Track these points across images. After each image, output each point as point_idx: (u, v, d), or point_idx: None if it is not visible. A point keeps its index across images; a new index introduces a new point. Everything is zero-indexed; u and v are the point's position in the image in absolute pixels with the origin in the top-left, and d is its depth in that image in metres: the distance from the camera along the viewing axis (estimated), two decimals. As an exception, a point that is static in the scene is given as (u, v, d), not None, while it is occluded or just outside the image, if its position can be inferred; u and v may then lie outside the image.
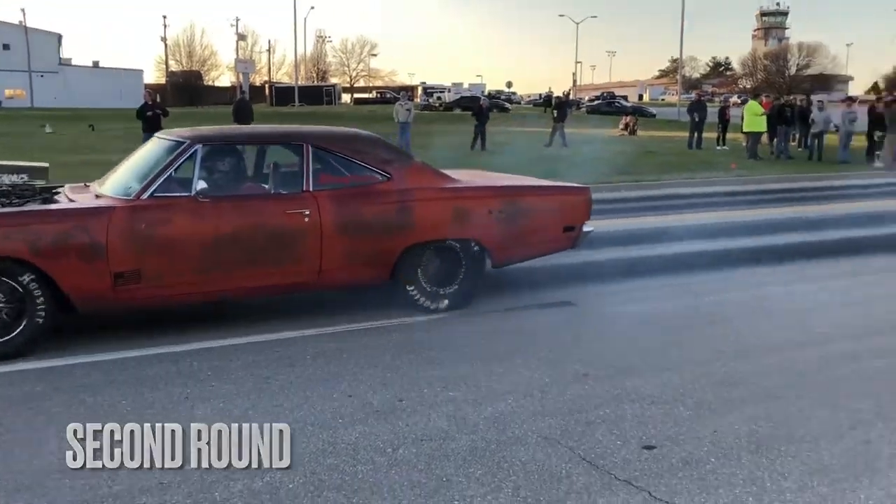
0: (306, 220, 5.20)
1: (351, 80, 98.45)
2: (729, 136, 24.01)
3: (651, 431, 3.74)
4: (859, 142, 20.66)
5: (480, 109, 22.29)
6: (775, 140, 21.60)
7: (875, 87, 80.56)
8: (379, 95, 77.66)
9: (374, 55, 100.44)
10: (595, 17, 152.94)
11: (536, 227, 6.14)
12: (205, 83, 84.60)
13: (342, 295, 6.00)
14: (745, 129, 21.24)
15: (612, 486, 3.20)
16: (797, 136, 23.07)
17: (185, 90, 73.74)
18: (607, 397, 4.17)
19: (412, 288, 5.62)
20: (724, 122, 24.19)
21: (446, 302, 5.72)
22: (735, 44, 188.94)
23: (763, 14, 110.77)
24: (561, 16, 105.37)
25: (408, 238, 5.53)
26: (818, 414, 3.93)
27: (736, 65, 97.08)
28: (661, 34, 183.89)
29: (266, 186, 5.61)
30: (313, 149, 5.46)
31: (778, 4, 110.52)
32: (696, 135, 23.24)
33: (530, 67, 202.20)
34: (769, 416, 3.89)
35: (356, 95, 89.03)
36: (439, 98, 70.34)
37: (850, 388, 4.29)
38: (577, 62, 74.56)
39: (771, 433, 3.70)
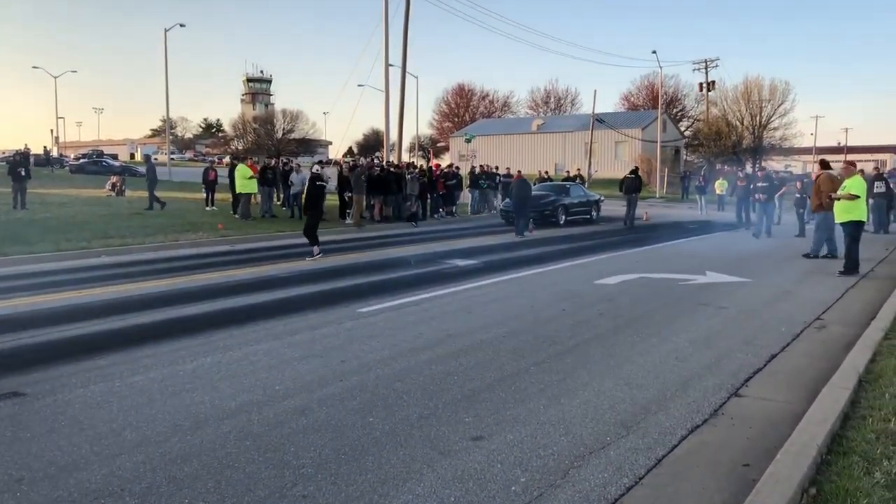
0: None
1: None
2: (219, 196, 24.64)
3: (88, 534, 3.38)
4: (333, 200, 22.90)
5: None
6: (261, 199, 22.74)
7: (350, 151, 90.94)
8: None
9: None
10: (75, 71, 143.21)
11: None
12: None
13: None
14: (238, 191, 21.87)
15: None
16: (281, 195, 24.64)
17: None
18: (44, 503, 3.67)
19: None
20: (209, 182, 24.58)
21: None
22: (227, 106, 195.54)
23: (249, 80, 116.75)
24: (35, 68, 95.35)
25: None
26: (266, 475, 4.01)
27: (227, 127, 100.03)
28: (152, 92, 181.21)
29: None
30: None
31: (262, 72, 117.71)
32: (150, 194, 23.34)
33: (2, 121, 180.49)
34: (218, 489, 3.84)
35: None
36: None
37: (298, 443, 4.48)
38: (58, 117, 68.55)
39: (217, 508, 3.65)
